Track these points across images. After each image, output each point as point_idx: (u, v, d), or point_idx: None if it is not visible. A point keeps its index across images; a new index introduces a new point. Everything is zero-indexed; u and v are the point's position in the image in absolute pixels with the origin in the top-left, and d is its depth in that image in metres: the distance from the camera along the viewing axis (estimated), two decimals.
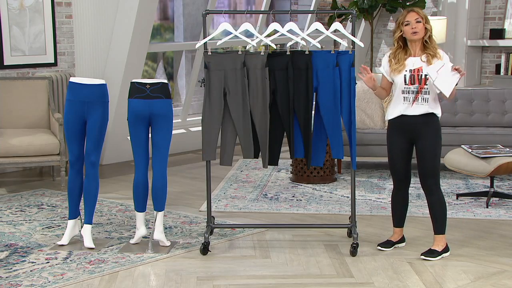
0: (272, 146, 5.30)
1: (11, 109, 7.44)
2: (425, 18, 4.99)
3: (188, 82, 10.79)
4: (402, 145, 5.09)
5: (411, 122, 5.02)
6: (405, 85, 5.00)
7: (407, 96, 5.01)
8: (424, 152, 5.02)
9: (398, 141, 5.10)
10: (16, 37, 7.72)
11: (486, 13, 10.38)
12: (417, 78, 4.97)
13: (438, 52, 5.00)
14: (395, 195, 5.29)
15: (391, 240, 5.32)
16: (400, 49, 5.05)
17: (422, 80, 4.96)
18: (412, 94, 4.99)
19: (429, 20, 5.04)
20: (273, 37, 5.34)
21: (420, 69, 4.97)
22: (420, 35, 4.97)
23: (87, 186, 5.31)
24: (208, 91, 5.25)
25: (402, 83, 5.00)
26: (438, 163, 5.05)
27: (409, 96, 5.00)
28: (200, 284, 4.65)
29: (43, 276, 4.76)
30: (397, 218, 5.31)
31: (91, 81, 5.30)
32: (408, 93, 5.00)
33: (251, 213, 6.31)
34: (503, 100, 7.89)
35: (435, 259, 5.06)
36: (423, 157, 5.02)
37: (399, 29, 5.03)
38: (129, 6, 7.91)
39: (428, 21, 5.02)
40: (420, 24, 4.96)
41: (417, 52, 5.02)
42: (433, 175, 5.05)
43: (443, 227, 5.14)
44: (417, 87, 4.97)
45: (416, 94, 4.98)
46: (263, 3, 10.14)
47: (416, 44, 5.01)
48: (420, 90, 4.97)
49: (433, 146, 5.01)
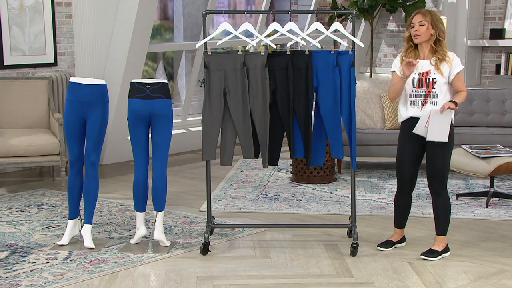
0: (272, 146, 5.30)
1: (11, 109, 7.44)
2: (431, 22, 4.88)
3: (188, 82, 10.79)
4: (412, 149, 5.05)
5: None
6: (413, 88, 4.96)
7: (415, 100, 4.97)
8: (434, 154, 4.97)
9: (409, 145, 5.06)
10: (16, 37, 7.72)
11: (486, 13, 10.37)
12: (425, 81, 4.92)
13: (447, 55, 4.91)
14: (398, 198, 5.25)
15: (391, 240, 5.31)
16: (411, 49, 4.99)
17: (430, 83, 4.92)
18: (421, 98, 4.94)
19: (439, 23, 4.90)
20: (273, 37, 5.34)
21: (428, 73, 4.92)
22: (422, 39, 4.90)
23: (87, 186, 5.31)
24: (208, 91, 5.25)
25: (410, 86, 4.96)
26: (447, 166, 5.02)
27: (417, 100, 4.96)
28: (200, 284, 4.65)
29: (43, 276, 4.76)
30: (399, 220, 5.30)
31: (91, 81, 5.30)
32: (416, 97, 4.96)
33: (251, 213, 6.31)
34: (503, 100, 7.89)
35: (435, 259, 5.06)
36: (433, 160, 4.99)
37: (408, 30, 4.97)
38: (129, 6, 7.92)
39: (435, 26, 4.88)
40: (423, 28, 4.88)
41: (426, 54, 4.96)
42: (441, 178, 5.02)
43: (446, 228, 5.13)
44: (425, 90, 4.93)
45: (425, 98, 4.93)
46: (263, 3, 10.14)
47: (424, 47, 4.95)
48: (428, 94, 4.92)
49: (443, 149, 4.96)
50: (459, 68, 4.93)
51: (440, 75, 4.91)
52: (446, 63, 4.91)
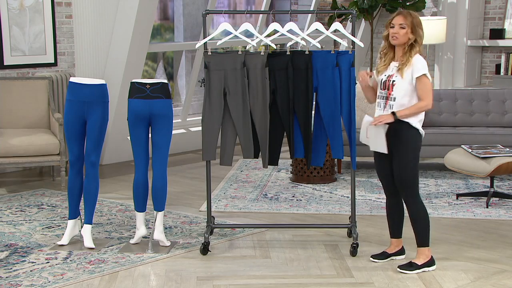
0: (272, 146, 5.30)
1: (11, 109, 7.44)
2: (411, 26, 4.68)
3: (188, 82, 10.80)
4: (384, 157, 4.85)
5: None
6: (379, 90, 4.81)
7: (380, 101, 4.81)
8: (395, 163, 4.78)
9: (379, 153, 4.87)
10: (16, 37, 7.72)
11: (486, 13, 10.37)
12: (387, 83, 4.76)
13: (410, 61, 4.68)
14: (387, 203, 5.03)
15: (386, 252, 5.07)
16: (389, 49, 4.82)
17: (390, 86, 4.74)
18: (383, 100, 4.79)
19: (419, 28, 4.70)
20: (273, 37, 5.34)
21: (392, 75, 4.75)
22: (400, 41, 4.70)
23: (87, 186, 5.31)
24: (208, 91, 5.25)
25: (379, 88, 4.83)
26: (411, 174, 4.74)
27: (380, 102, 4.81)
28: (200, 284, 4.65)
29: (43, 276, 4.76)
30: (392, 228, 5.04)
31: (91, 81, 5.30)
32: (380, 98, 4.81)
33: (251, 213, 6.31)
34: (503, 100, 7.89)
35: (411, 272, 4.78)
36: (396, 168, 4.78)
37: (387, 29, 4.78)
38: (129, 6, 7.91)
39: (415, 31, 4.68)
40: (402, 30, 4.68)
41: (398, 57, 4.77)
42: (407, 187, 4.76)
43: (425, 239, 4.82)
44: (386, 92, 4.76)
45: (386, 100, 4.77)
46: (263, 3, 10.14)
47: (399, 49, 4.76)
48: (388, 96, 4.75)
49: (403, 156, 4.72)
50: (420, 72, 4.66)
51: (399, 77, 4.70)
52: (408, 67, 4.69)
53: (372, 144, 4.84)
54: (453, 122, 7.84)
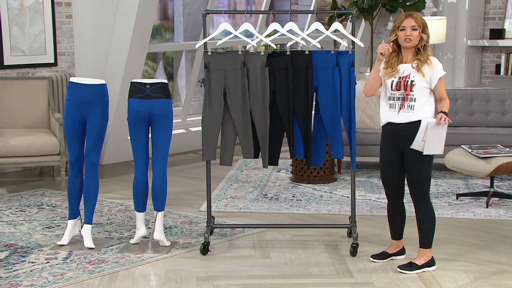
0: (272, 146, 5.30)
1: (11, 109, 7.44)
2: (422, 26, 4.71)
3: (188, 82, 10.80)
4: (391, 155, 4.85)
5: (399, 130, 4.77)
6: (391, 91, 4.77)
7: (393, 103, 4.78)
8: (413, 164, 4.77)
9: (388, 151, 4.87)
10: (16, 37, 7.72)
11: (486, 13, 10.37)
12: (403, 84, 4.73)
13: (429, 59, 4.72)
14: (389, 207, 5.01)
15: (386, 252, 5.08)
16: (394, 54, 4.80)
17: (408, 86, 4.72)
18: (398, 101, 4.75)
19: (427, 28, 4.75)
20: (273, 37, 5.34)
21: (408, 76, 4.73)
22: (414, 43, 4.72)
23: (87, 186, 5.31)
24: (208, 91, 5.25)
25: (389, 89, 4.78)
26: (427, 176, 4.79)
27: (395, 103, 4.77)
28: (200, 284, 4.65)
29: (43, 276, 4.76)
30: (394, 230, 5.04)
31: (91, 81, 5.30)
32: (394, 100, 4.77)
33: (251, 213, 6.31)
34: (503, 100, 7.89)
35: (411, 272, 4.80)
36: (412, 170, 4.77)
37: (395, 32, 4.76)
38: (129, 6, 7.91)
39: (426, 30, 4.73)
40: (415, 32, 4.69)
41: (409, 59, 4.77)
42: (422, 188, 4.78)
43: (430, 241, 4.84)
44: (403, 93, 4.73)
45: (402, 101, 4.74)
46: (263, 3, 10.14)
47: (409, 51, 4.76)
48: (406, 97, 4.73)
49: (422, 158, 4.72)
50: (442, 72, 4.72)
51: (421, 76, 4.70)
52: (428, 66, 4.71)
53: (429, 146, 4.70)
54: (453, 122, 7.83)
